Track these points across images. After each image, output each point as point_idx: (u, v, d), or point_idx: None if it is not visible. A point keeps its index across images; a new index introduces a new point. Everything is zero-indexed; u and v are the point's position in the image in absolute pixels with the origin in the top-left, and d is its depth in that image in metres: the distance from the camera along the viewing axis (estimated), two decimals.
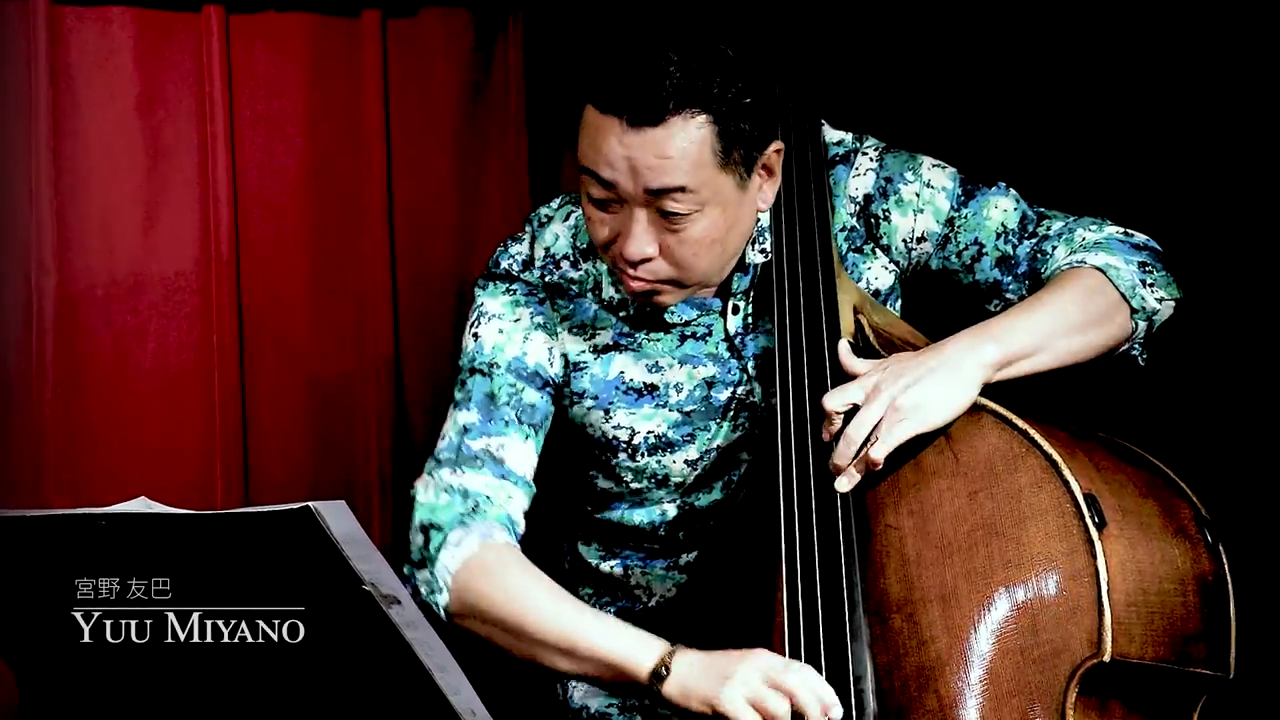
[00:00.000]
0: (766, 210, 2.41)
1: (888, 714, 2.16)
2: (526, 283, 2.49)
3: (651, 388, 2.48)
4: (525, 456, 2.44)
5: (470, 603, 2.32)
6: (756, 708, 2.14)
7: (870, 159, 2.50)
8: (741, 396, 2.47)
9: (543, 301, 2.49)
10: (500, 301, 2.49)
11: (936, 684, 2.14)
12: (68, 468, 2.77)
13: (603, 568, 2.58)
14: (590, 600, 2.58)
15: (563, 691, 2.61)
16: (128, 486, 2.54)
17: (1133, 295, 2.40)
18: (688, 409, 2.48)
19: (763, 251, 2.45)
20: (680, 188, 2.26)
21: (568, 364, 2.49)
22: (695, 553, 2.51)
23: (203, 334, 2.85)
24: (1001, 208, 2.49)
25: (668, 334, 2.47)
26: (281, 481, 2.90)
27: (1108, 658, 2.13)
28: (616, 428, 2.48)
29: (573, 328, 2.49)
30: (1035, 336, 2.34)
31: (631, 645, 2.23)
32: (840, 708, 2.14)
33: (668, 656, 2.20)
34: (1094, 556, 2.15)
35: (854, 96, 2.77)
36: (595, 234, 2.35)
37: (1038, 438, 2.22)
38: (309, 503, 1.88)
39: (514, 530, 2.39)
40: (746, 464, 2.48)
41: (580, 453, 2.54)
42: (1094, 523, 2.17)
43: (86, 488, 2.75)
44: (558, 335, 2.49)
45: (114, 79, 2.79)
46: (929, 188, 2.49)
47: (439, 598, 2.33)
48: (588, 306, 2.49)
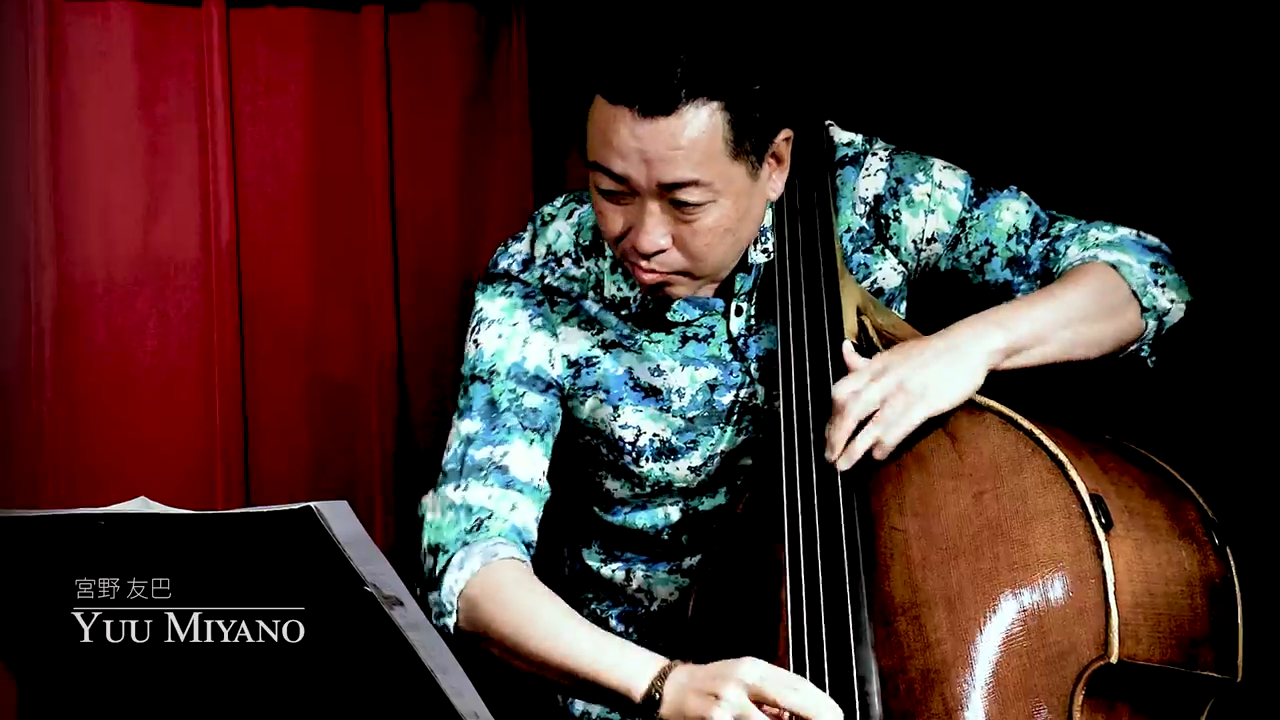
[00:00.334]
0: (777, 198, 2.40)
1: (893, 717, 2.16)
2: (524, 283, 2.48)
3: (654, 391, 2.47)
4: (532, 462, 2.42)
5: (476, 624, 2.31)
6: None
7: (880, 160, 2.50)
8: (745, 399, 2.47)
9: (541, 304, 2.48)
10: (498, 305, 2.48)
11: (942, 687, 2.15)
12: (66, 466, 2.77)
13: (604, 572, 2.58)
14: (592, 604, 2.58)
15: (562, 698, 2.59)
16: (127, 486, 2.54)
17: (1144, 293, 2.40)
18: (690, 415, 2.47)
19: (765, 251, 2.44)
20: (693, 180, 2.26)
21: (572, 364, 2.48)
22: (698, 557, 2.51)
23: (203, 332, 2.85)
24: (1013, 209, 2.49)
25: (669, 334, 2.47)
26: (282, 481, 2.90)
27: (1115, 660, 2.13)
28: (623, 427, 2.48)
29: (578, 325, 2.48)
30: (1043, 326, 2.34)
31: (625, 670, 2.21)
32: (832, 713, 2.13)
33: (659, 680, 2.18)
34: (1100, 558, 2.15)
35: (861, 98, 2.76)
36: (608, 228, 2.34)
37: (1044, 438, 2.22)
38: (310, 503, 1.87)
39: (521, 541, 2.38)
40: (750, 467, 2.48)
41: (587, 454, 2.54)
42: (1101, 524, 2.17)
43: (85, 487, 2.75)
44: (558, 336, 2.48)
45: (113, 74, 2.79)
46: (940, 189, 2.49)
47: (447, 620, 2.33)
48: (589, 306, 2.48)
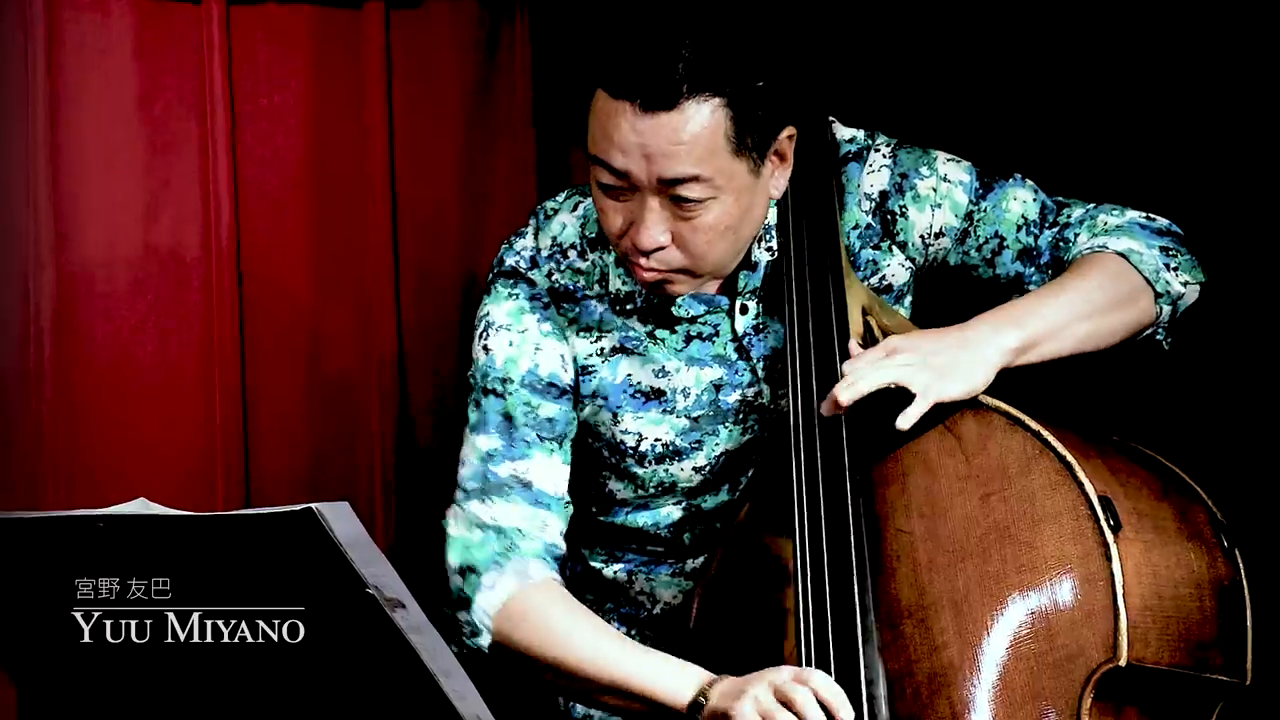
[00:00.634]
0: (779, 197, 2.39)
1: None
2: (532, 284, 2.47)
3: (658, 393, 2.47)
4: (554, 474, 2.43)
5: (511, 644, 2.35)
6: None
7: (884, 155, 2.49)
8: (750, 399, 2.47)
9: (548, 306, 2.47)
10: (506, 309, 2.47)
11: (949, 691, 2.15)
12: (66, 467, 2.77)
13: (606, 573, 2.58)
14: (593, 606, 2.56)
15: (563, 702, 2.60)
16: (126, 486, 2.55)
17: (1156, 279, 2.40)
18: (695, 414, 2.46)
19: (769, 249, 2.44)
20: (694, 176, 2.25)
21: (577, 365, 2.48)
22: (701, 558, 2.51)
23: (203, 331, 2.85)
24: (1020, 199, 2.49)
25: (674, 333, 2.46)
26: (283, 481, 2.90)
27: (1124, 663, 2.13)
28: (624, 432, 2.48)
29: (580, 330, 2.47)
30: (1057, 321, 2.34)
31: (671, 679, 2.25)
32: (849, 710, 2.14)
33: (707, 686, 2.22)
34: (1109, 560, 2.15)
35: (862, 92, 2.77)
36: (608, 224, 2.34)
37: (1051, 440, 2.22)
38: (311, 504, 1.87)
39: (553, 555, 2.40)
40: (755, 466, 2.47)
41: (588, 455, 2.53)
42: (1109, 526, 2.17)
43: (85, 487, 2.75)
44: (566, 340, 2.48)
45: (113, 72, 2.79)
46: (945, 182, 2.49)
47: (481, 640, 2.35)
48: (593, 309, 2.48)
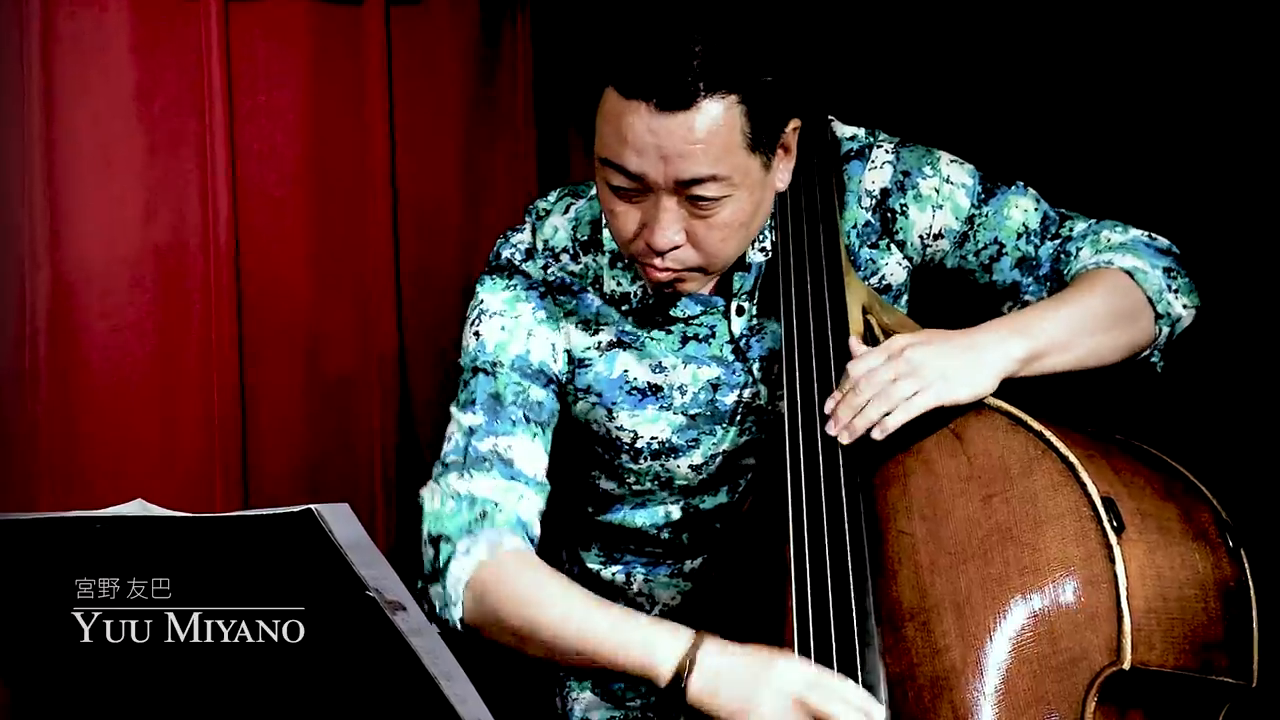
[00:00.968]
0: (784, 189, 2.39)
1: None
2: (527, 275, 2.48)
3: (655, 389, 2.47)
4: (535, 456, 2.42)
5: (484, 613, 2.31)
6: None
7: (886, 152, 2.49)
8: (748, 400, 2.47)
9: (544, 295, 2.47)
10: (501, 297, 2.48)
11: (951, 694, 2.14)
12: (63, 468, 2.78)
13: (604, 574, 2.58)
14: None
15: (562, 705, 2.61)
16: (124, 487, 2.55)
17: (1159, 299, 2.41)
18: (692, 412, 2.47)
19: (763, 250, 2.44)
20: (712, 176, 2.24)
21: (571, 359, 2.48)
22: (700, 559, 2.52)
23: (201, 331, 2.86)
24: (1022, 207, 2.49)
25: (669, 333, 2.46)
26: (281, 481, 2.91)
27: (1127, 666, 2.12)
28: (619, 428, 2.48)
29: (577, 323, 2.48)
30: (1064, 334, 2.34)
31: (647, 647, 2.20)
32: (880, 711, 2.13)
33: (687, 660, 2.17)
34: (1113, 562, 2.15)
35: (861, 93, 2.77)
36: (619, 226, 2.32)
37: (1054, 440, 2.22)
38: (311, 505, 1.87)
39: (526, 532, 2.38)
40: (753, 468, 2.48)
41: (582, 453, 2.54)
42: (1113, 527, 2.16)
43: (81, 489, 2.76)
44: (560, 329, 2.48)
45: (110, 68, 2.79)
46: (948, 184, 2.49)
47: (453, 610, 2.32)
48: (590, 301, 2.48)
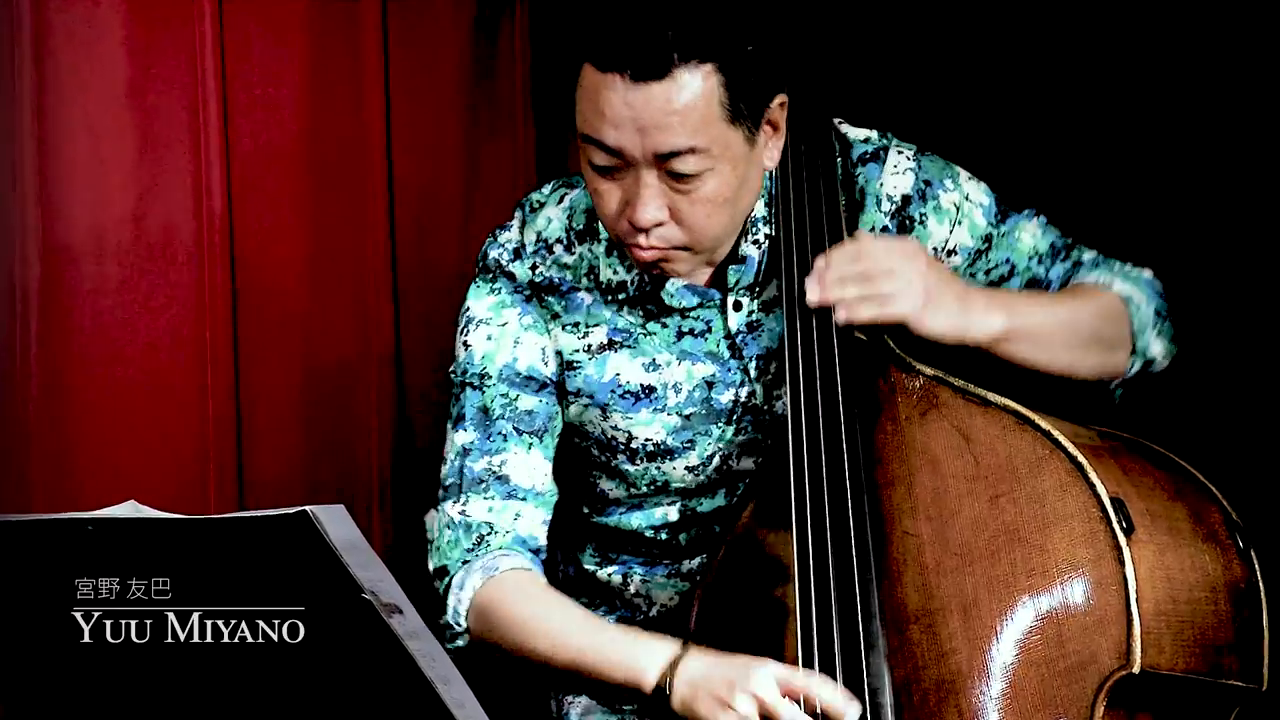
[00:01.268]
0: (773, 167, 2.39)
1: None
2: (513, 278, 2.47)
3: (649, 389, 2.46)
4: (532, 468, 2.43)
5: (486, 639, 2.34)
6: None
7: (907, 158, 2.49)
8: (744, 399, 2.46)
9: (529, 299, 2.47)
10: (486, 303, 2.48)
11: (957, 698, 2.14)
12: (54, 467, 2.77)
13: (600, 575, 2.58)
14: (588, 609, 2.56)
15: (558, 709, 2.60)
16: (117, 487, 2.56)
17: (1141, 336, 2.46)
18: (687, 412, 2.46)
19: (756, 243, 2.43)
20: (690, 148, 2.25)
21: (562, 361, 2.47)
22: (698, 559, 2.51)
23: (194, 327, 2.85)
24: (1031, 231, 2.52)
25: (664, 327, 2.45)
26: (276, 482, 2.90)
27: (1137, 669, 2.12)
28: (614, 429, 2.47)
29: (565, 325, 2.47)
30: (1044, 331, 2.38)
31: (633, 663, 2.22)
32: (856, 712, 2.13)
33: (669, 669, 2.19)
34: (1122, 563, 2.15)
35: (864, 91, 2.76)
36: (602, 205, 2.33)
37: (1062, 439, 2.22)
38: (306, 507, 1.87)
39: (527, 549, 2.39)
40: (752, 468, 2.47)
41: (577, 454, 2.53)
42: (1122, 528, 2.16)
43: (74, 489, 2.75)
44: (549, 332, 2.47)
45: (102, 62, 2.78)
46: (968, 201, 2.50)
47: (460, 641, 2.36)
48: (581, 301, 2.47)
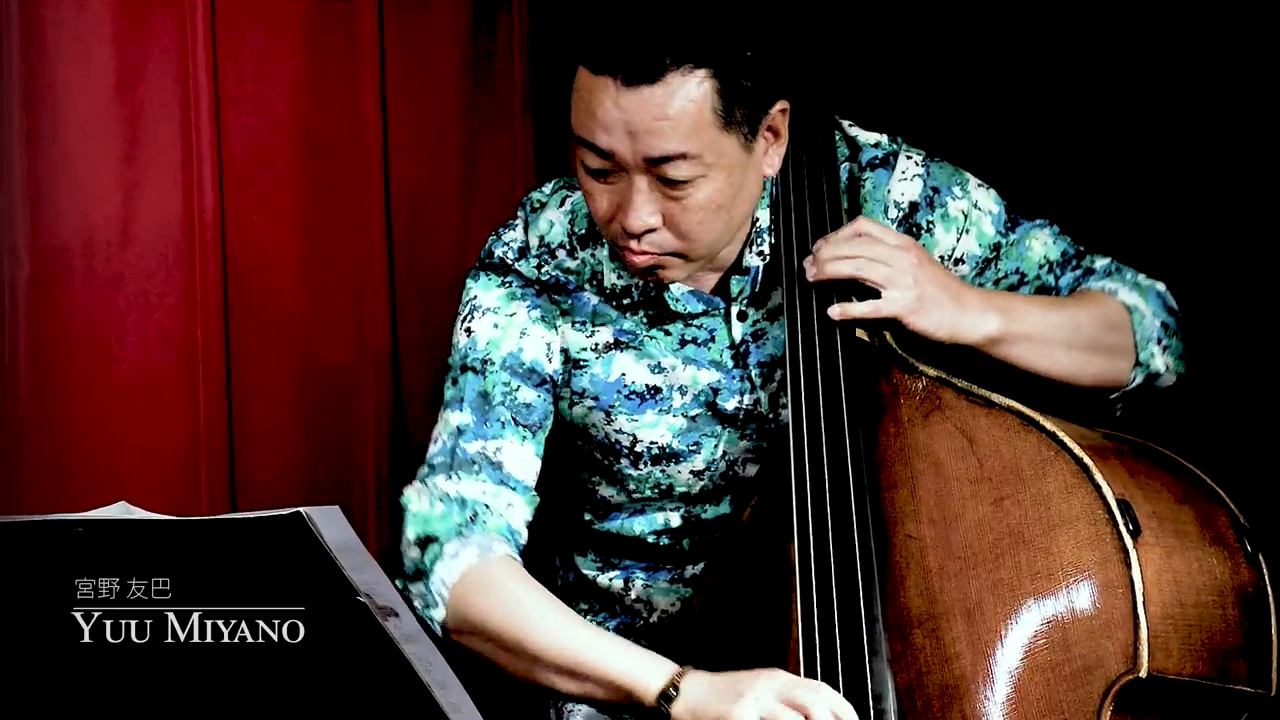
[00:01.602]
0: (773, 174, 2.39)
1: None
2: (521, 274, 2.47)
3: (654, 390, 2.46)
4: (524, 460, 2.42)
5: (468, 619, 2.31)
6: None
7: (916, 165, 2.50)
8: (749, 406, 2.46)
9: (539, 294, 2.47)
10: (494, 294, 2.47)
11: (961, 703, 2.14)
12: (43, 469, 2.76)
13: (600, 580, 2.58)
14: (588, 616, 2.58)
15: (557, 717, 2.60)
16: (107, 488, 2.55)
17: (1144, 347, 2.46)
18: (693, 413, 2.46)
19: (760, 254, 2.43)
20: (681, 154, 2.24)
21: (568, 359, 2.47)
22: (701, 565, 2.51)
23: (186, 327, 2.84)
24: (1042, 240, 2.53)
25: (668, 334, 2.46)
26: (270, 484, 2.90)
27: (1144, 673, 2.12)
28: (619, 432, 2.47)
29: (573, 323, 2.47)
30: (1041, 334, 2.38)
31: (638, 665, 2.23)
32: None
33: (677, 677, 2.19)
34: (1129, 566, 2.15)
35: (869, 99, 2.76)
36: (595, 208, 2.33)
37: (1067, 441, 2.22)
38: (300, 508, 1.88)
39: (515, 541, 2.38)
40: (755, 475, 2.47)
41: (579, 458, 2.53)
42: (1128, 530, 2.16)
43: (64, 490, 2.74)
44: (557, 329, 2.47)
45: (91, 57, 2.77)
46: (976, 209, 2.51)
47: (434, 613, 2.32)
48: (587, 300, 2.47)
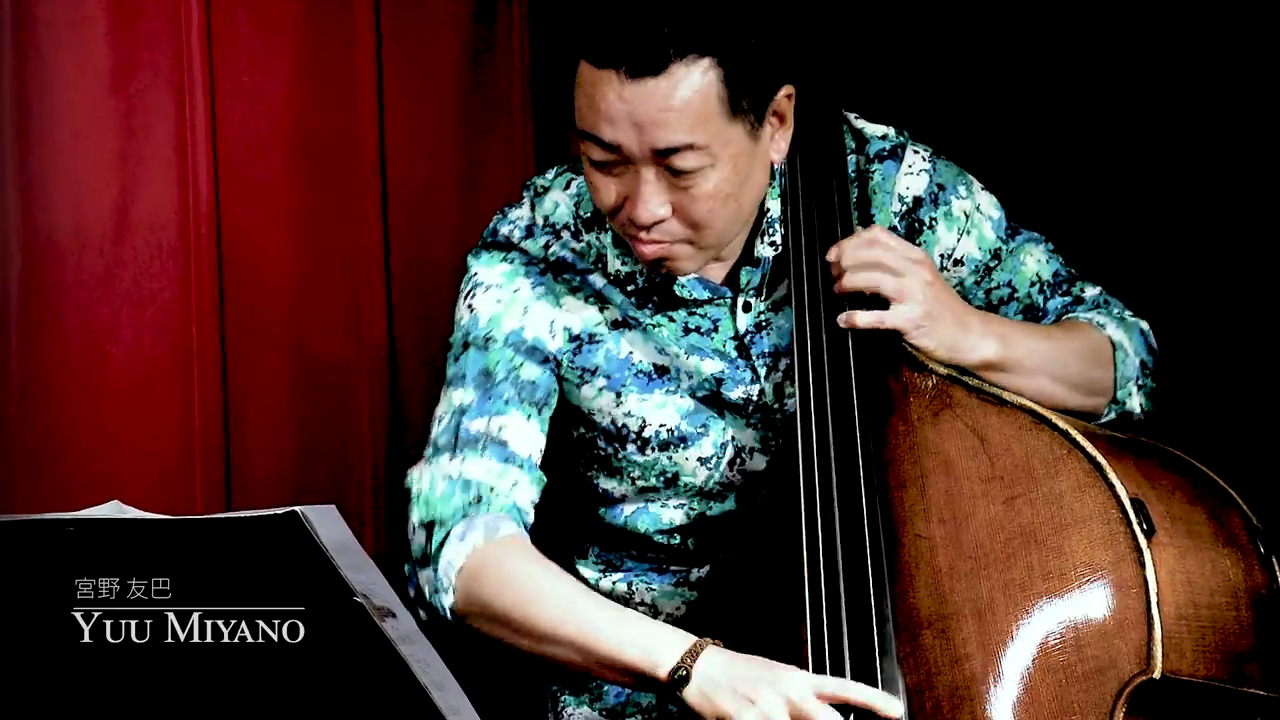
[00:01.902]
0: (781, 161, 2.39)
1: None
2: (526, 252, 2.48)
3: (662, 370, 2.46)
4: (529, 438, 2.42)
5: (477, 600, 2.31)
6: None
7: (923, 159, 2.51)
8: (754, 396, 2.46)
9: (544, 272, 2.47)
10: (498, 270, 2.47)
11: (972, 705, 2.14)
12: (35, 467, 2.75)
13: (603, 584, 2.56)
14: None
15: (552, 708, 2.60)
16: (100, 486, 2.55)
17: (1123, 386, 2.49)
18: (701, 394, 2.46)
19: (772, 244, 2.43)
20: (689, 145, 2.25)
21: (574, 339, 2.47)
22: (706, 568, 2.50)
23: (181, 321, 2.83)
24: (1036, 257, 2.54)
25: (672, 321, 2.46)
26: (266, 482, 2.89)
27: (1158, 675, 2.12)
28: (627, 415, 2.47)
29: (584, 298, 2.47)
30: (1034, 365, 2.40)
31: (649, 642, 2.22)
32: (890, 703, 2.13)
33: (689, 657, 2.18)
34: (1142, 566, 2.15)
35: (871, 94, 2.76)
36: (601, 200, 2.33)
37: (1080, 439, 2.22)
38: (296, 507, 1.88)
39: (522, 520, 2.38)
40: (762, 470, 2.46)
41: (579, 450, 2.53)
42: (1142, 530, 2.16)
43: (56, 488, 2.73)
44: (561, 307, 2.47)
45: (85, 51, 2.76)
46: (979, 212, 2.52)
47: (444, 598, 2.32)
48: (595, 280, 2.48)
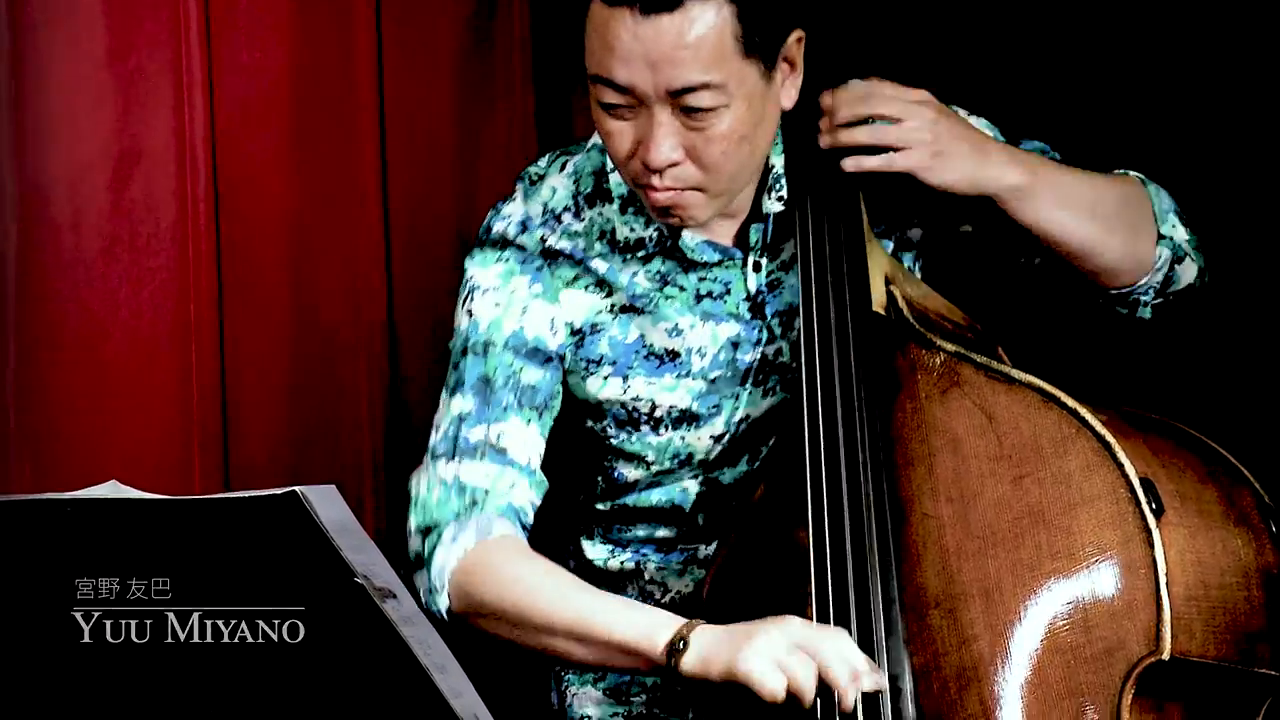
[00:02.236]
0: (790, 107, 2.39)
1: (925, 718, 2.16)
2: (521, 248, 2.47)
3: (673, 354, 2.47)
4: (529, 443, 2.43)
5: (471, 601, 2.33)
6: (779, 670, 2.14)
7: None
8: (770, 356, 2.47)
9: (540, 268, 2.47)
10: (494, 271, 2.47)
11: (979, 686, 2.14)
12: (32, 447, 2.76)
13: (610, 564, 2.57)
14: None
15: (559, 701, 2.61)
16: (98, 467, 2.54)
17: (1164, 220, 2.49)
18: (712, 375, 2.46)
19: (780, 199, 2.44)
20: (704, 84, 2.25)
21: (575, 333, 2.47)
22: (714, 546, 2.49)
23: (178, 304, 2.83)
24: (1037, 150, 2.52)
25: (683, 290, 2.46)
26: (265, 463, 2.89)
27: (1167, 656, 2.12)
28: (636, 399, 2.47)
29: (585, 288, 2.47)
30: (1063, 195, 2.41)
31: (646, 622, 2.24)
32: (872, 675, 2.13)
33: (685, 629, 2.20)
34: (1151, 546, 2.15)
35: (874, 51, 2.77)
36: (614, 146, 2.33)
37: (1089, 418, 2.21)
38: (296, 487, 1.87)
39: (518, 520, 2.39)
40: (773, 438, 2.46)
41: (593, 442, 2.53)
42: (1151, 510, 2.16)
43: (52, 470, 2.74)
44: (560, 302, 2.47)
45: (81, 27, 2.77)
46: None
47: (439, 599, 2.34)
48: (597, 266, 2.47)
